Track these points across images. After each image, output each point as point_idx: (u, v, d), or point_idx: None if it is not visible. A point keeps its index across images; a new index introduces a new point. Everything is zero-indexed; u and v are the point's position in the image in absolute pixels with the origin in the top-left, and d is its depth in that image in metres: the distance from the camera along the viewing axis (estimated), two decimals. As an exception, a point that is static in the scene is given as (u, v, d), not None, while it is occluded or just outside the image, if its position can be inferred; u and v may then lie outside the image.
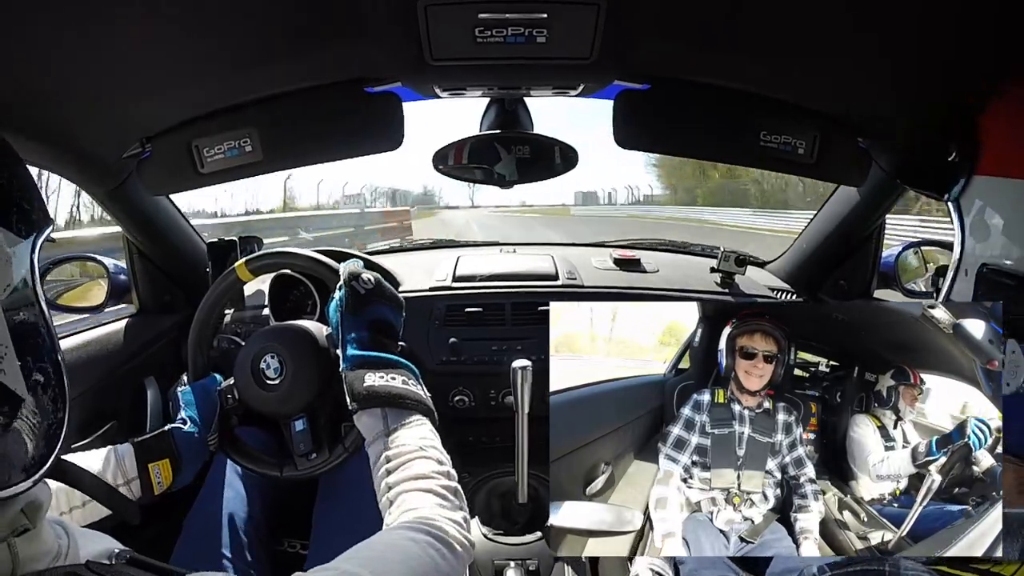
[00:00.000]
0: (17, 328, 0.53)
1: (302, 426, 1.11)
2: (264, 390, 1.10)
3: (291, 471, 1.12)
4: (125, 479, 0.97)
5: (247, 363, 1.11)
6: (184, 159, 1.15)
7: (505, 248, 1.97)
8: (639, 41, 0.96)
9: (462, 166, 1.21)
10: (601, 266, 1.79)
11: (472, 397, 1.59)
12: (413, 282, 1.67)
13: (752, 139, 1.12)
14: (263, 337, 1.13)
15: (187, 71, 0.99)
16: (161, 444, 1.02)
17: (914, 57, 0.94)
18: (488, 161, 1.19)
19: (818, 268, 1.70)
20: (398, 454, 0.80)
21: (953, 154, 1.03)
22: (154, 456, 1.00)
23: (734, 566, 0.96)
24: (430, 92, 1.12)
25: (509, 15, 0.88)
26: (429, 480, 0.77)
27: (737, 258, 1.71)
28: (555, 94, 1.14)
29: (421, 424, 0.86)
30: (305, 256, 1.09)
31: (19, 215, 0.55)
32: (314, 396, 1.10)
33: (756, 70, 1.06)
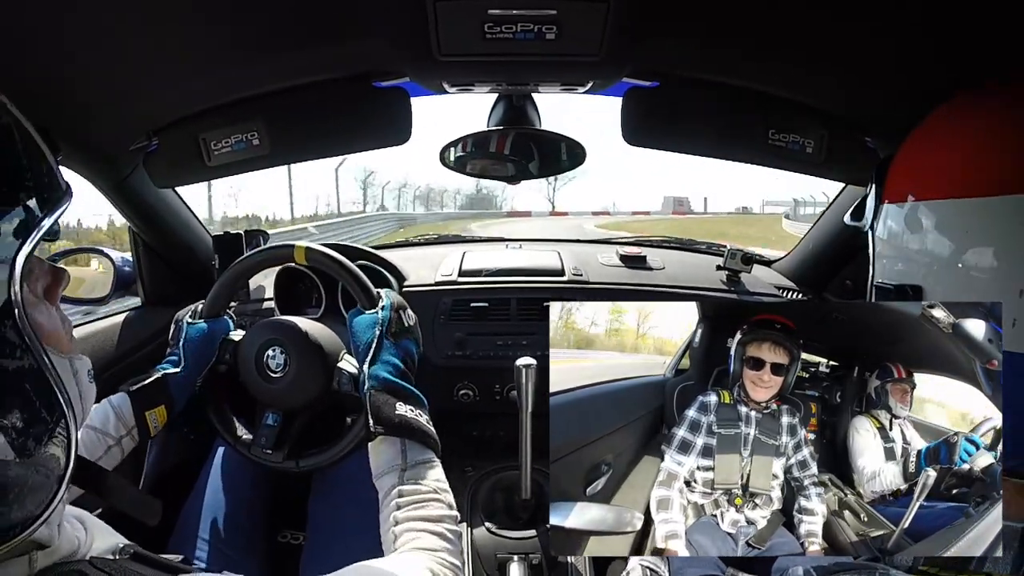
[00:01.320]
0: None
1: (272, 421, 1.13)
2: (266, 381, 1.10)
3: (252, 452, 1.13)
4: (126, 429, 1.00)
5: (252, 351, 1.11)
6: (191, 152, 1.16)
7: (511, 244, 1.97)
8: (648, 39, 0.95)
9: (469, 161, 1.21)
10: (607, 263, 1.79)
11: (477, 391, 1.60)
12: (419, 276, 1.68)
13: (760, 138, 1.12)
14: (271, 329, 1.13)
15: (195, 64, 1.00)
16: (156, 391, 1.04)
17: (922, 55, 0.94)
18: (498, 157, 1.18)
19: (824, 267, 1.70)
20: (413, 491, 0.82)
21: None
22: (150, 404, 1.03)
23: (721, 564, 0.96)
24: (438, 87, 1.12)
25: (518, 11, 0.87)
26: (439, 524, 0.80)
27: (743, 256, 1.71)
28: (563, 91, 1.13)
29: (436, 466, 0.88)
30: (355, 274, 1.07)
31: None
32: (311, 396, 1.11)
33: (765, 68, 1.06)
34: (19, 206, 0.48)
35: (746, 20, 0.91)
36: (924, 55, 0.93)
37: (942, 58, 0.93)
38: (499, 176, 1.21)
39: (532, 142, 1.18)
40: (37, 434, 0.48)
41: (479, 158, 1.21)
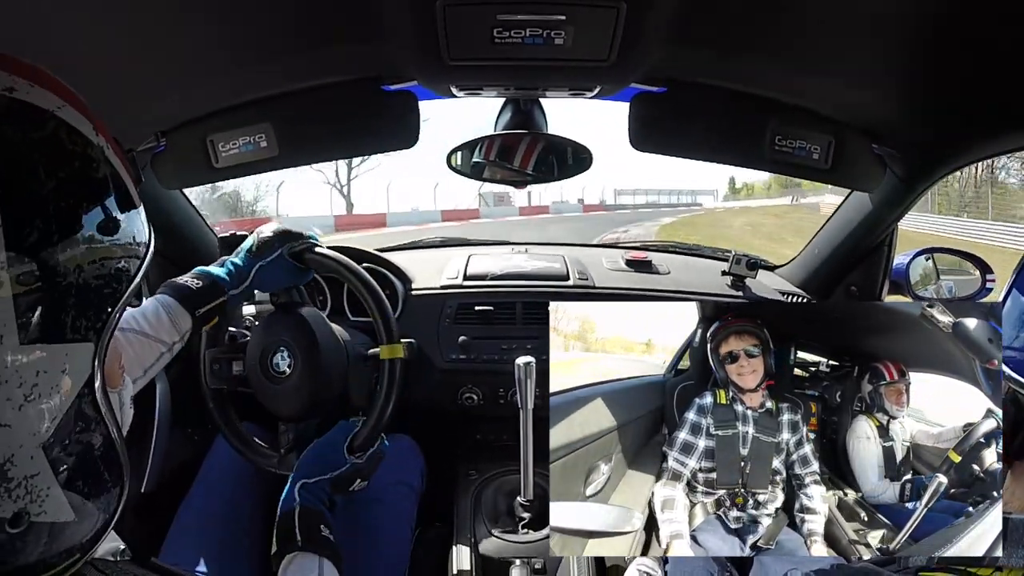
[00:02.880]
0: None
1: (284, 427, 1.12)
2: (272, 383, 1.10)
3: (258, 454, 1.12)
4: (180, 334, 0.98)
5: (257, 352, 1.11)
6: (199, 153, 1.16)
7: (517, 247, 1.97)
8: (657, 45, 0.96)
9: (475, 165, 1.21)
10: (612, 267, 1.79)
11: (480, 395, 1.60)
12: (424, 279, 1.68)
13: (767, 144, 1.13)
14: (276, 330, 1.13)
15: (203, 66, 1.00)
16: (205, 294, 1.02)
17: (929, 63, 0.94)
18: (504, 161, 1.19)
19: (829, 273, 1.70)
20: None
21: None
22: (200, 304, 1.01)
23: (715, 566, 0.96)
24: (446, 91, 1.12)
25: (527, 16, 0.88)
26: None
27: (748, 261, 1.71)
28: (571, 96, 1.14)
29: None
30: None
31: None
32: (319, 396, 1.10)
33: (772, 75, 1.06)
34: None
35: (756, 27, 0.92)
36: (930, 62, 0.94)
37: (949, 64, 0.93)
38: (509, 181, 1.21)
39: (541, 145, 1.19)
40: (96, 493, 0.50)
41: (499, 166, 1.21)
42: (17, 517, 0.44)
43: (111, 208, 0.49)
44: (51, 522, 0.46)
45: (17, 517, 0.44)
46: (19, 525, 0.44)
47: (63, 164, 0.46)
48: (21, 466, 0.44)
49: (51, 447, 0.45)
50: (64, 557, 0.48)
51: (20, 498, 0.44)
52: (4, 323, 0.42)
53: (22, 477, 0.44)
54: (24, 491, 0.44)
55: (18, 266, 0.42)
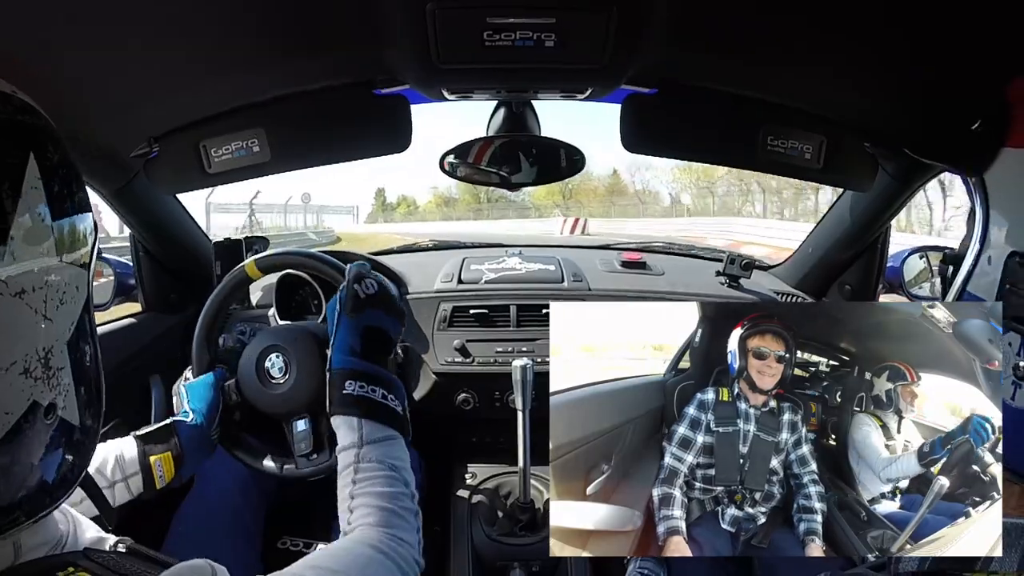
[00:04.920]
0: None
1: (303, 426, 1.12)
2: (267, 388, 1.10)
3: (292, 470, 1.12)
4: (124, 475, 0.98)
5: (252, 360, 1.11)
6: (192, 159, 1.16)
7: (511, 250, 1.97)
8: (649, 46, 0.96)
9: (470, 168, 1.21)
10: (607, 269, 1.80)
11: (477, 398, 1.59)
12: (419, 283, 1.68)
13: (759, 144, 1.12)
14: (268, 336, 1.13)
15: (195, 71, 1.00)
16: (164, 436, 1.03)
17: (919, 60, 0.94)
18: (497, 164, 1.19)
19: (824, 272, 1.71)
20: (368, 468, 0.80)
21: (977, 124, 1.01)
22: (157, 449, 1.01)
23: (717, 568, 0.96)
24: (438, 95, 1.12)
25: (517, 19, 0.88)
26: (393, 500, 0.78)
27: (743, 262, 1.71)
28: (563, 98, 1.14)
29: (395, 442, 0.85)
30: (312, 256, 1.09)
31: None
32: (317, 396, 1.10)
33: (764, 75, 1.06)
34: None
35: (747, 27, 0.92)
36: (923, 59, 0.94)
37: (942, 61, 0.93)
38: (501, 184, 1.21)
39: (533, 148, 1.19)
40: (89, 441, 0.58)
41: (491, 170, 1.20)
42: (51, 407, 0.51)
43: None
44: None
45: (51, 407, 0.51)
46: (51, 416, 0.51)
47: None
48: (56, 357, 0.51)
49: (73, 346, 0.54)
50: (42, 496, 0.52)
51: (55, 387, 0.51)
52: (46, 248, 0.51)
53: (56, 367, 0.51)
54: (57, 381, 0.51)
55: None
